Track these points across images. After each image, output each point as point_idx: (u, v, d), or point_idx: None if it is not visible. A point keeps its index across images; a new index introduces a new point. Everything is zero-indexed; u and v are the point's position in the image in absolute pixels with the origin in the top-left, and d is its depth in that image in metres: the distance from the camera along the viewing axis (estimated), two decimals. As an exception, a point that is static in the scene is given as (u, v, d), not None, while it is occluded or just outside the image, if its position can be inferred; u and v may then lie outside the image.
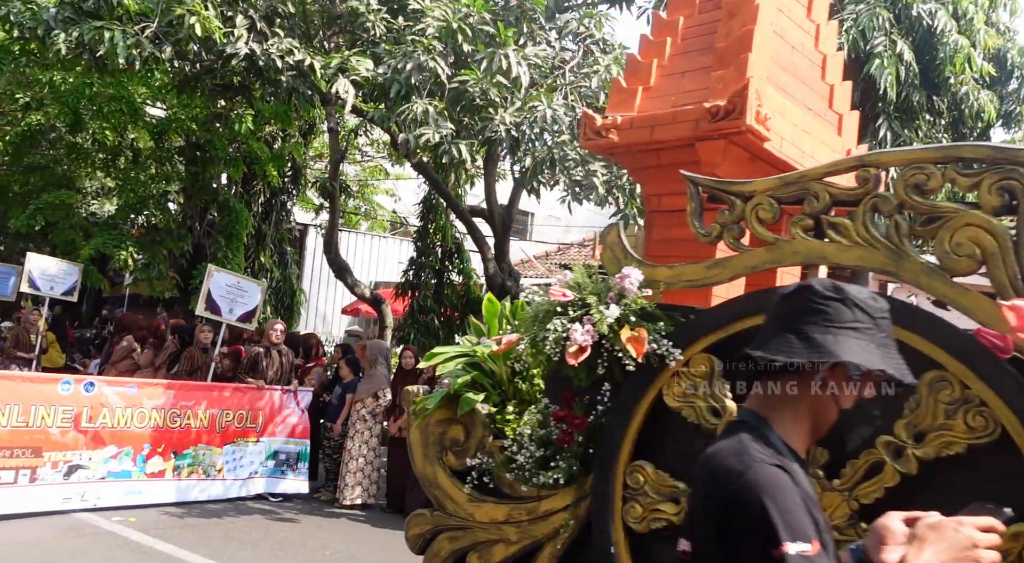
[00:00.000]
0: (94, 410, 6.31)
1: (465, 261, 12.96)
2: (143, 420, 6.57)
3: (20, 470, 5.90)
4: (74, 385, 6.28)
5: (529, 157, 6.80)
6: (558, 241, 21.38)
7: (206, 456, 6.97)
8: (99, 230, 11.70)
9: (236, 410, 7.23)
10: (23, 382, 6.18)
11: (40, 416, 6.03)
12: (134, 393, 6.58)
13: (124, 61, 6.68)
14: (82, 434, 6.25)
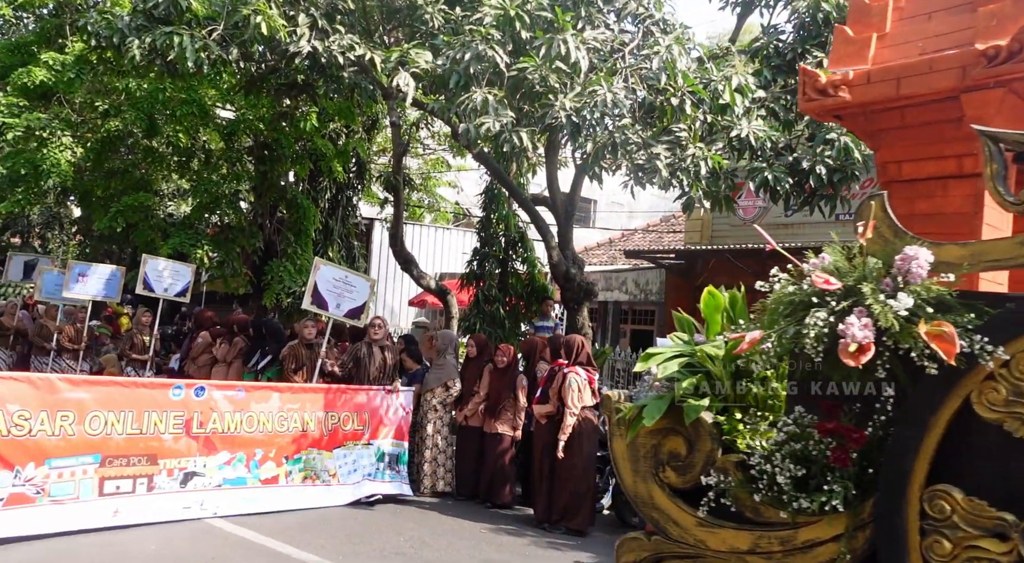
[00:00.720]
0: (204, 415, 6.12)
1: (529, 250, 12.94)
2: (252, 424, 6.39)
3: (137, 479, 5.75)
4: (185, 390, 6.09)
5: (590, 143, 6.72)
6: (622, 227, 21.17)
7: (317, 460, 6.76)
8: (176, 230, 12.15)
9: (342, 412, 6.99)
10: (135, 388, 5.97)
11: (153, 422, 5.85)
12: (242, 397, 6.38)
13: (193, 64, 6.89)
14: (194, 440, 6.07)
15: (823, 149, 7.20)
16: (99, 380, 6.03)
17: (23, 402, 5.20)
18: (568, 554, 6.01)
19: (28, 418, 5.20)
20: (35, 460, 5.23)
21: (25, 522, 5.12)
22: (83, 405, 5.50)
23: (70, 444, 5.39)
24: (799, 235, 11.54)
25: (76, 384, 5.64)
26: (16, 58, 11.66)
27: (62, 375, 6.01)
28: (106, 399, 5.63)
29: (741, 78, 7.03)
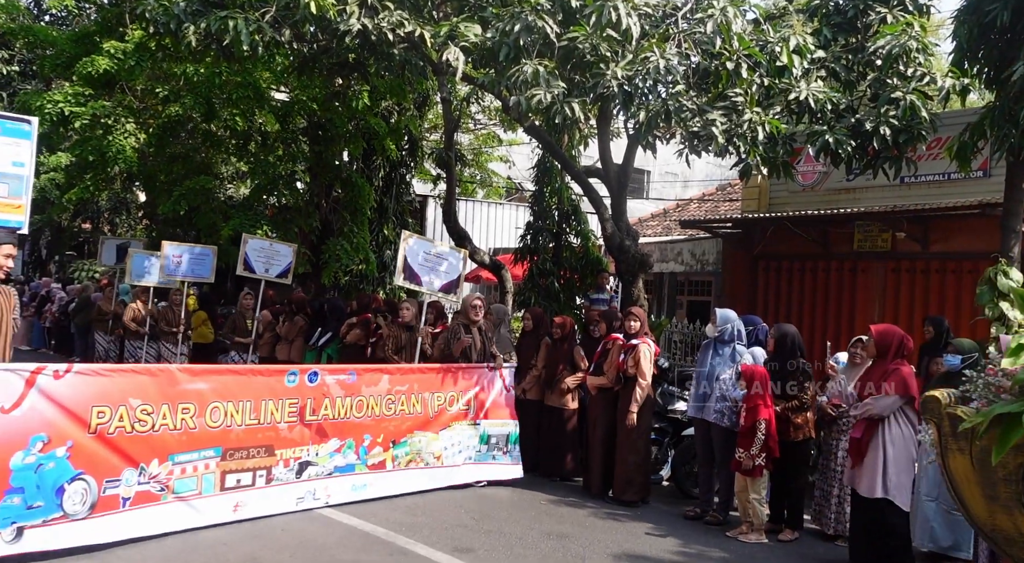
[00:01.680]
0: (316, 402, 5.88)
1: (582, 222, 12.88)
2: (361, 409, 6.14)
3: (257, 471, 5.54)
4: (299, 376, 5.83)
5: (643, 111, 6.61)
6: (676, 198, 20.84)
7: (422, 443, 6.51)
8: (236, 212, 12.46)
9: (448, 392, 6.70)
10: (252, 376, 5.68)
11: (269, 411, 5.62)
12: (353, 381, 6.13)
13: (248, 47, 6.99)
14: (307, 428, 5.82)
15: (887, 109, 6.94)
16: (217, 369, 5.67)
17: (144, 396, 4.97)
18: (628, 525, 6.03)
19: (150, 412, 4.98)
20: (159, 456, 5.03)
21: (152, 521, 4.95)
22: (203, 396, 5.28)
23: (192, 437, 5.19)
24: (861, 200, 11.19)
25: (195, 375, 5.38)
26: (80, 48, 12.03)
27: (181, 366, 5.60)
28: (224, 389, 5.41)
29: (799, 38, 6.80)
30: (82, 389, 4.68)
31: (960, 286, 9.91)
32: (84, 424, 4.67)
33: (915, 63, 7.06)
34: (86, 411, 4.68)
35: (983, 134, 7.38)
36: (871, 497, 5.10)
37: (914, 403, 5.09)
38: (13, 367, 4.44)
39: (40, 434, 4.48)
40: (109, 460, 4.78)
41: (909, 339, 5.33)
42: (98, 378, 4.83)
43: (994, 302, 7.27)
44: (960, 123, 8.12)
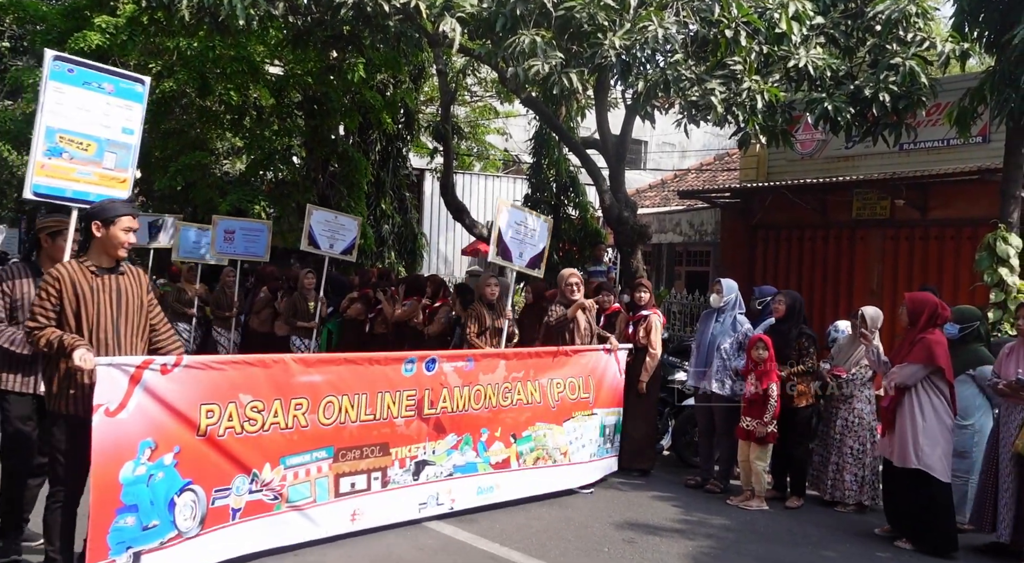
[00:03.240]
0: (435, 392, 5.17)
1: (581, 194, 12.87)
2: (479, 400, 5.44)
3: (372, 473, 4.85)
4: (417, 364, 5.09)
5: (641, 81, 6.57)
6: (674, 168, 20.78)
7: (548, 437, 5.85)
8: (233, 187, 12.41)
9: (568, 378, 6.02)
10: (369, 365, 4.90)
11: (386, 405, 4.92)
12: (471, 368, 5.42)
13: (242, 21, 6.92)
14: (425, 423, 5.13)
15: (887, 75, 6.90)
16: (332, 358, 4.88)
17: (256, 390, 4.28)
18: (630, 494, 6.12)
19: (261, 409, 4.30)
20: (270, 460, 4.35)
21: (265, 535, 4.34)
22: (316, 390, 4.59)
23: (304, 437, 4.51)
24: (860, 168, 11.17)
25: (309, 365, 4.65)
26: (71, 23, 11.88)
27: (296, 355, 4.68)
28: (339, 381, 4.71)
29: (798, 4, 6.74)
30: (191, 385, 4.00)
31: (959, 253, 9.93)
32: (192, 426, 4.00)
33: (915, 28, 7.00)
34: (194, 410, 4.01)
35: (983, 99, 7.36)
36: (905, 467, 5.07)
37: (943, 373, 5.05)
38: (118, 361, 3.66)
39: (147, 439, 3.80)
40: (219, 466, 4.13)
41: (945, 308, 5.26)
42: (208, 372, 4.11)
43: (993, 268, 7.31)
44: (960, 88, 8.08)
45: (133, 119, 4.41)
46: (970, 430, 5.55)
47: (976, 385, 5.54)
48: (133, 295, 3.73)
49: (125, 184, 4.38)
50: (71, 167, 4.17)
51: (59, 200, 4.15)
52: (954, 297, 8.19)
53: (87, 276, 3.59)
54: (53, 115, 4.09)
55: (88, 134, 4.21)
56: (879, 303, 7.19)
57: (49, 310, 3.50)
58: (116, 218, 3.63)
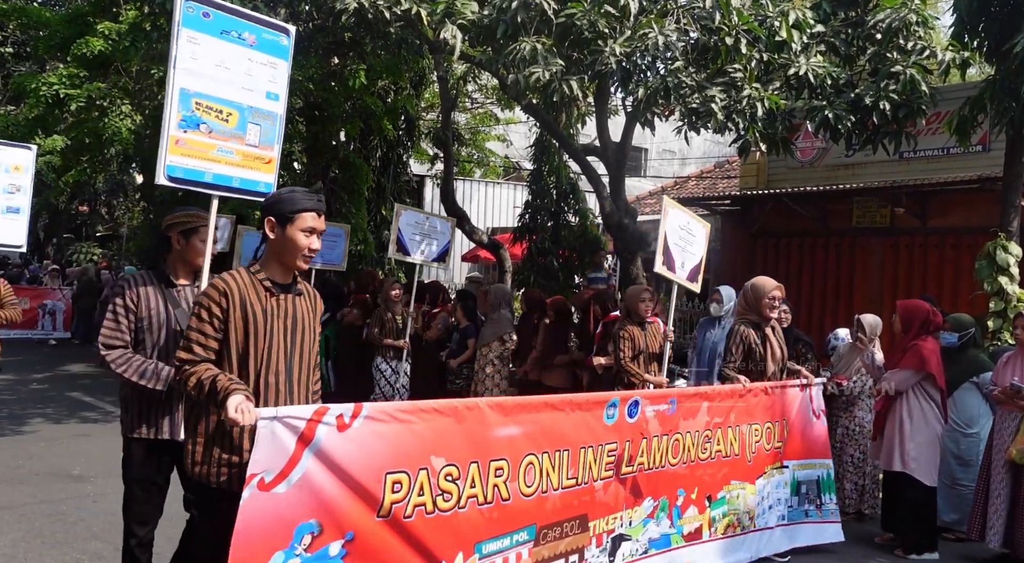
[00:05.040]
0: (634, 445, 4.02)
1: (581, 201, 12.87)
2: (677, 452, 4.29)
3: (569, 557, 3.68)
4: (619, 408, 3.93)
5: (641, 88, 6.58)
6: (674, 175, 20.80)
7: (740, 499, 4.67)
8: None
9: (763, 423, 4.85)
10: (570, 411, 3.68)
11: (587, 464, 3.75)
12: (672, 412, 4.24)
13: (243, 27, 6.93)
14: (622, 485, 3.99)
15: (887, 83, 6.91)
16: (531, 403, 3.61)
17: (450, 450, 3.09)
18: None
19: (456, 477, 3.11)
20: (463, 547, 3.15)
21: None
22: (516, 447, 3.40)
23: (504, 514, 3.32)
24: (860, 176, 11.17)
25: (507, 412, 3.38)
26: (74, 29, 11.93)
27: (491, 400, 3.43)
28: (539, 433, 3.51)
29: (798, 13, 6.75)
30: (374, 445, 2.83)
31: (959, 261, 9.92)
32: (373, 503, 2.82)
33: (915, 36, 7.02)
34: (377, 481, 2.82)
35: (983, 108, 7.37)
36: (889, 470, 5.18)
37: (934, 380, 5.10)
38: (284, 413, 2.59)
39: (310, 521, 2.66)
40: (402, 558, 2.93)
41: (937, 315, 5.33)
42: (394, 426, 2.92)
43: (993, 277, 7.30)
44: (960, 97, 8.09)
45: (278, 81, 3.54)
46: (975, 438, 5.55)
47: (980, 393, 5.55)
48: (309, 324, 2.78)
49: (271, 166, 3.54)
50: (211, 143, 3.35)
51: (197, 186, 3.38)
52: (954, 306, 8.18)
53: (260, 294, 2.64)
54: (187, 74, 3.26)
55: (229, 100, 3.38)
56: (879, 311, 7.18)
57: (210, 337, 2.58)
58: (296, 214, 2.64)
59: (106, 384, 10.15)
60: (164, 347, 3.23)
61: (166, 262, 3.35)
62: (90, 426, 7.61)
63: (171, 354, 3.12)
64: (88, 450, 6.65)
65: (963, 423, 5.53)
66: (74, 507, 5.17)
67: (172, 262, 3.35)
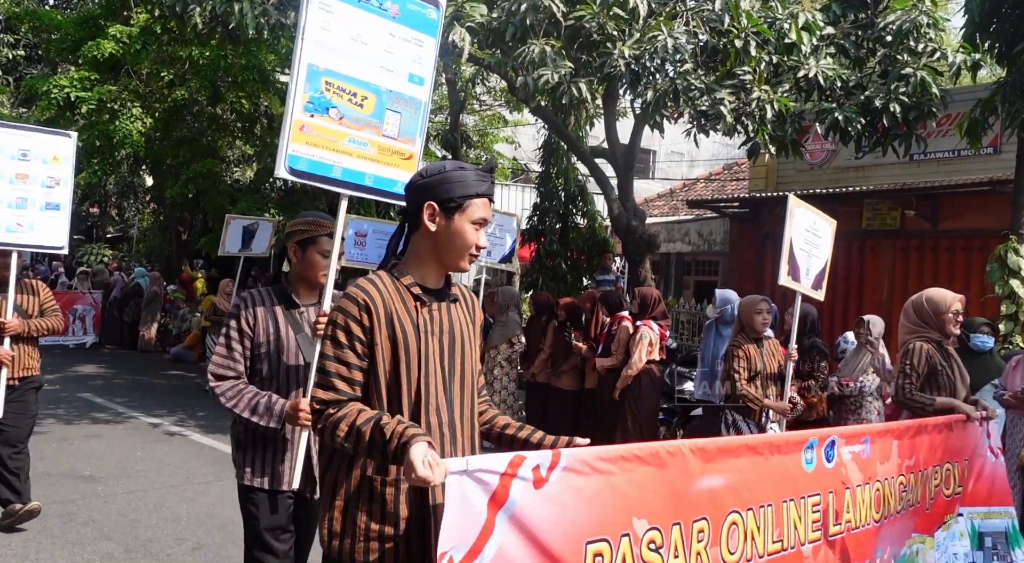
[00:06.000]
0: (838, 497, 3.19)
1: (589, 203, 12.87)
2: (879, 506, 3.42)
3: None
4: (817, 450, 3.11)
5: (650, 91, 6.58)
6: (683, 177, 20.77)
7: (919, 555, 3.79)
8: (243, 195, 12.47)
9: (944, 462, 3.95)
10: (769, 454, 2.88)
11: (792, 522, 2.94)
12: (868, 454, 3.39)
13: (254, 30, 6.97)
14: (831, 550, 3.17)
15: (897, 86, 6.89)
16: (731, 445, 2.87)
17: (652, 511, 2.37)
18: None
19: (659, 546, 2.37)
20: None
21: None
22: (719, 502, 2.66)
23: None
24: (870, 178, 11.13)
25: (709, 458, 2.63)
26: (85, 32, 12.01)
27: (691, 443, 2.63)
28: (741, 484, 2.76)
29: (808, 15, 6.74)
30: (572, 506, 2.12)
31: (970, 264, 9.88)
32: None
33: (925, 38, 6.99)
34: (577, 554, 2.10)
35: (994, 110, 7.33)
36: None
37: None
38: (476, 466, 1.88)
39: None
40: None
41: None
42: (594, 479, 2.19)
43: (1004, 280, 7.26)
44: (971, 99, 8.05)
45: (424, 61, 2.99)
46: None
47: None
48: (469, 340, 2.11)
49: (411, 163, 2.99)
50: (341, 131, 2.82)
51: (323, 182, 2.84)
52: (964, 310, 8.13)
53: (409, 305, 1.99)
54: (317, 48, 2.74)
55: (365, 81, 2.85)
56: (889, 314, 7.15)
57: (354, 367, 1.93)
58: (468, 200, 2.00)
59: (117, 386, 10.21)
60: (283, 378, 2.77)
61: (287, 278, 2.90)
62: (101, 427, 7.65)
63: (290, 387, 2.76)
64: (99, 451, 6.68)
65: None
66: (85, 507, 5.19)
67: (292, 279, 2.88)
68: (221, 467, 6.39)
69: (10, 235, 4.36)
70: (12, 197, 4.38)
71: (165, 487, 5.72)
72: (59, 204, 4.52)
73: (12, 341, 4.44)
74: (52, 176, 4.50)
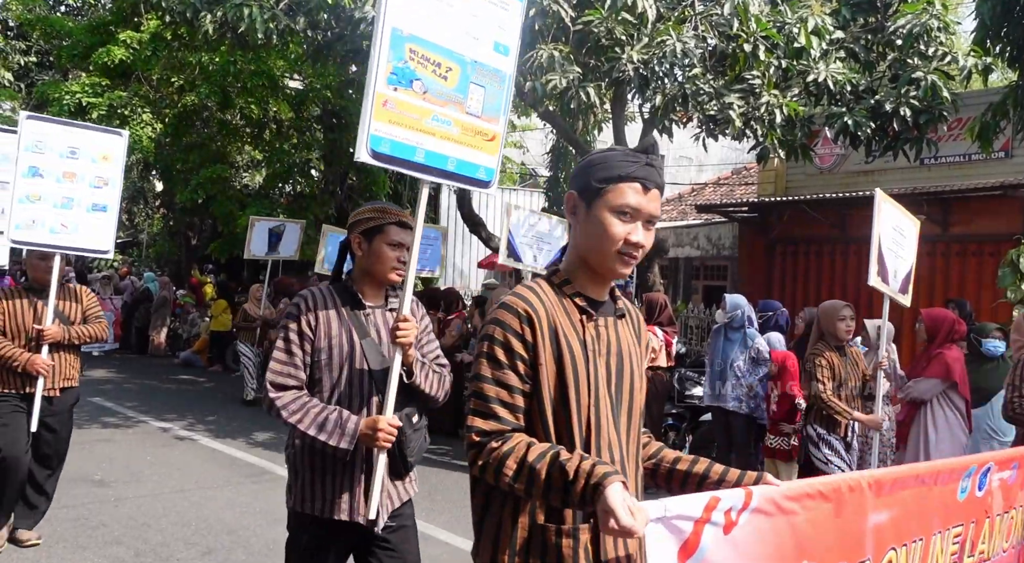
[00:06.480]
0: (977, 527, 2.90)
1: (597, 208, 12.85)
2: (1008, 535, 3.13)
3: None
4: (972, 478, 2.83)
5: (659, 95, 6.57)
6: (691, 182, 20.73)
7: None
8: (252, 200, 12.53)
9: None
10: (932, 485, 2.60)
11: (935, 555, 2.69)
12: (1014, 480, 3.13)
13: (263, 36, 7.00)
14: None
15: (908, 89, 6.86)
16: (902, 476, 2.49)
17: (821, 553, 2.07)
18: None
19: None
20: None
21: None
22: (881, 539, 2.38)
23: None
24: (880, 182, 11.07)
25: (882, 491, 2.33)
26: (96, 38, 12.11)
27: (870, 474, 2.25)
28: (903, 516, 2.49)
29: (817, 19, 6.72)
30: (753, 550, 1.88)
31: (981, 269, 9.81)
32: None
33: (936, 42, 6.96)
34: None
35: (1005, 114, 7.28)
36: None
37: (958, 388, 5.04)
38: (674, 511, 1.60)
39: None
40: None
41: (961, 323, 5.30)
42: (777, 520, 1.95)
43: (1016, 284, 7.21)
44: (982, 103, 8.00)
45: (509, 28, 2.60)
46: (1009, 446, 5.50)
47: None
48: (637, 362, 1.78)
49: (494, 145, 2.62)
50: (425, 107, 2.43)
51: (406, 167, 2.46)
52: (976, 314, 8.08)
53: (573, 317, 1.68)
54: (402, 8, 2.34)
55: (450, 49, 2.46)
56: (899, 319, 7.11)
57: (516, 392, 1.61)
58: (609, 185, 1.63)
59: (127, 390, 10.24)
60: (346, 390, 2.41)
61: (350, 276, 2.54)
62: (111, 431, 7.67)
63: (353, 400, 2.41)
64: (110, 455, 6.70)
65: (1000, 431, 5.47)
66: (95, 511, 5.20)
67: (357, 275, 2.52)
68: (230, 472, 6.41)
69: (53, 237, 4.12)
70: (58, 196, 4.15)
71: (175, 491, 5.74)
72: (106, 206, 4.30)
73: (52, 349, 4.14)
74: (100, 176, 4.28)
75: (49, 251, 4.14)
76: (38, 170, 4.12)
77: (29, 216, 4.08)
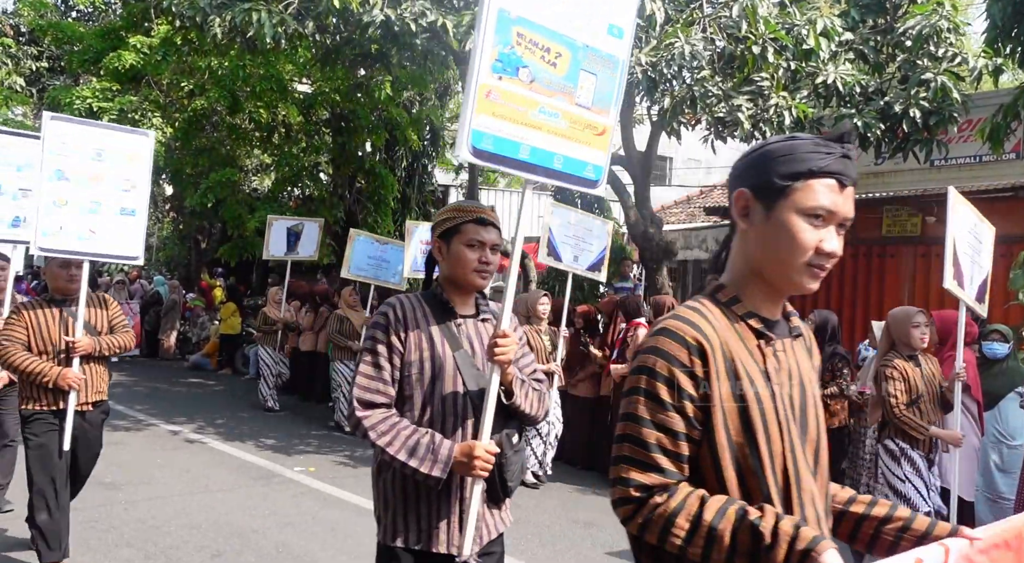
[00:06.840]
0: None
1: (606, 210, 12.84)
2: None
3: None
4: None
5: (668, 97, 6.56)
6: (700, 184, 20.69)
7: None
8: (261, 204, 12.58)
9: None
10: None
11: None
12: None
13: (272, 40, 7.03)
14: None
15: (918, 91, 6.83)
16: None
17: None
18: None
19: None
20: None
21: None
22: None
23: None
24: (891, 184, 11.03)
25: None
26: (107, 44, 12.18)
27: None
28: None
29: (826, 20, 6.70)
30: None
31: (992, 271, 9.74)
32: None
33: (946, 43, 6.93)
34: None
35: (1016, 115, 7.23)
36: None
37: (970, 391, 4.97)
38: None
39: None
40: None
41: (973, 325, 5.24)
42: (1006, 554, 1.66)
43: (1028, 287, 7.15)
44: (993, 104, 7.96)
45: (625, 7, 2.35)
46: (1019, 450, 5.44)
47: None
48: (815, 385, 1.51)
49: (604, 140, 2.36)
50: (532, 98, 2.18)
51: (509, 166, 2.22)
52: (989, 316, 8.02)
53: (749, 343, 1.41)
54: None
55: (560, 33, 2.20)
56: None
57: (681, 438, 1.35)
58: (795, 181, 1.36)
59: (137, 393, 10.28)
60: (438, 409, 2.18)
61: (439, 282, 2.33)
62: (121, 434, 7.70)
63: (446, 421, 2.18)
64: (120, 458, 6.72)
65: (1008, 435, 5.42)
66: (106, 514, 5.22)
67: (443, 282, 2.31)
68: (240, 475, 6.42)
69: (81, 243, 3.91)
70: (86, 200, 3.94)
71: (185, 494, 5.75)
72: (135, 210, 4.11)
73: (82, 361, 3.90)
74: (128, 178, 4.07)
75: (72, 258, 3.92)
76: (63, 173, 3.91)
77: (56, 222, 3.87)
